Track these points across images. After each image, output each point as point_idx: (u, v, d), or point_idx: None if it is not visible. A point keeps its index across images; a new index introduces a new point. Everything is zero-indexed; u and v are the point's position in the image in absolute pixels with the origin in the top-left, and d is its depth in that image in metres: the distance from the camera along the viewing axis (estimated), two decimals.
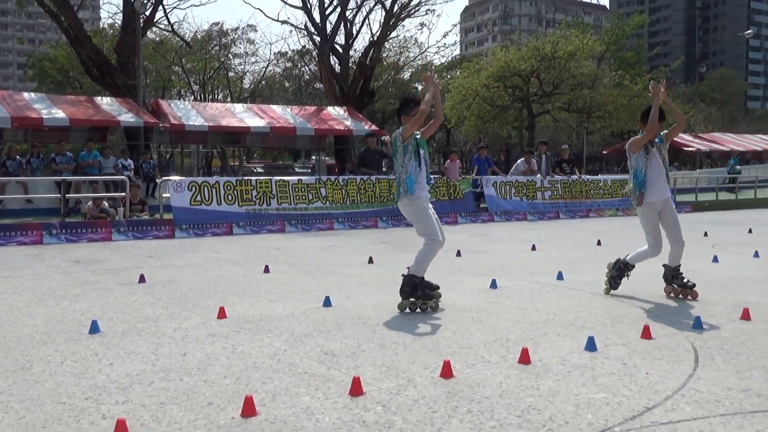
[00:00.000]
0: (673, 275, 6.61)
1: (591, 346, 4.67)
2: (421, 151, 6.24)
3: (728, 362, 4.40)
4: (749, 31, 74.67)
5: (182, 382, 4.01)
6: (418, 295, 6.01)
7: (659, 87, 6.45)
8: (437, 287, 6.18)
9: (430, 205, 6.32)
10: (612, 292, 6.72)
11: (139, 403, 3.65)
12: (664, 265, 6.70)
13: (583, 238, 12.40)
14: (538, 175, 18.14)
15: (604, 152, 53.75)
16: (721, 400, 3.68)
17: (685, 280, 6.55)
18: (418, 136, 6.25)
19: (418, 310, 5.98)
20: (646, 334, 5.02)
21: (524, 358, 4.38)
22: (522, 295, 6.72)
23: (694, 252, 9.88)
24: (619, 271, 6.70)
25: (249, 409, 3.46)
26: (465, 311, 6.00)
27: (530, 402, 3.66)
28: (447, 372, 4.10)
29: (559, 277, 7.71)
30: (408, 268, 6.15)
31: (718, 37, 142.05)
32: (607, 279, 6.75)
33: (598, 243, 11.30)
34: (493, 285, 7.19)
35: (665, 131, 6.65)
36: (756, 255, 9.60)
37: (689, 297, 6.49)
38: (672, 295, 6.63)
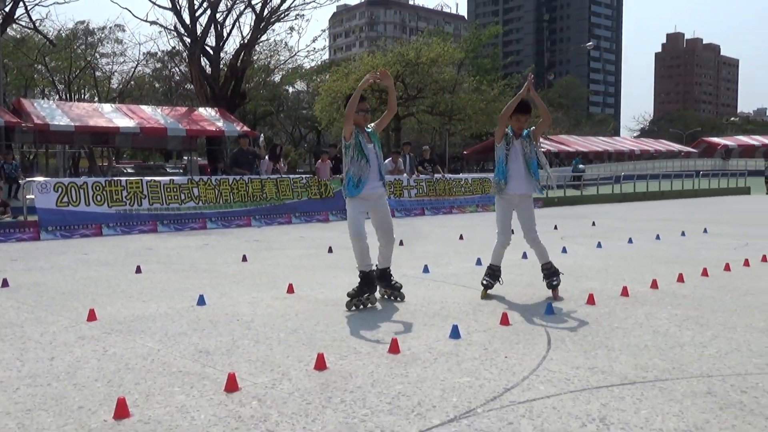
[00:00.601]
0: (543, 275, 6.37)
1: (455, 333, 4.80)
2: (369, 146, 5.98)
3: (576, 343, 4.65)
4: (590, 42, 79.48)
5: (50, 387, 3.77)
6: (364, 290, 5.96)
7: (531, 78, 6.33)
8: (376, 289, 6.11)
9: (385, 201, 6.20)
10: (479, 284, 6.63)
11: (3, 411, 3.40)
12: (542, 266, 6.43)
13: (446, 233, 12.74)
14: (404, 174, 18.48)
15: (465, 152, 55.56)
16: (571, 378, 3.89)
17: (548, 280, 6.30)
18: (368, 130, 6.06)
19: (361, 306, 5.89)
20: (505, 320, 5.21)
21: (394, 348, 4.44)
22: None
23: (545, 244, 10.39)
24: (491, 276, 6.38)
25: (122, 411, 3.31)
26: (337, 305, 6.00)
27: (400, 389, 3.72)
28: (321, 364, 4.09)
29: (425, 270, 7.87)
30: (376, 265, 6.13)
31: (563, 47, 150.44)
32: (483, 285, 6.39)
33: (461, 237, 11.65)
34: None
35: (532, 127, 6.47)
36: (599, 246, 10.21)
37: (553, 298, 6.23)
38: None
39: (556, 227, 13.49)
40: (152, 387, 3.77)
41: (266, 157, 17.52)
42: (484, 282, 6.42)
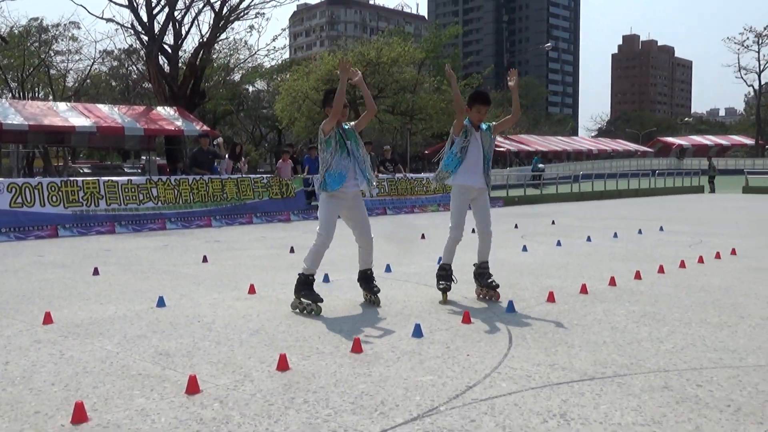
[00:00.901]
0: (479, 273, 6.28)
1: (417, 332, 4.82)
2: (348, 143, 5.77)
3: (537, 341, 4.70)
4: (549, 44, 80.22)
5: (5, 393, 3.68)
6: (303, 294, 5.69)
7: (450, 71, 6.36)
8: (320, 298, 5.67)
9: (362, 200, 6.01)
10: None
11: None
12: (474, 264, 6.37)
13: (408, 233, 12.77)
14: None
15: (426, 152, 55.73)
16: (532, 375, 3.93)
17: (490, 281, 6.20)
18: (346, 127, 5.87)
19: (305, 311, 5.65)
20: (466, 319, 5.25)
21: (356, 348, 4.44)
22: (353, 288, 6.77)
23: (506, 242, 10.51)
24: (445, 278, 6.17)
25: (80, 416, 3.24)
26: None
27: (363, 388, 3.72)
28: (283, 365, 4.06)
29: (387, 269, 7.89)
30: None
31: (522, 48, 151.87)
32: (441, 289, 6.18)
33: (422, 237, 11.69)
34: (326, 279, 7.23)
35: (493, 122, 6.37)
36: (558, 244, 10.35)
37: (492, 298, 6.17)
38: (481, 296, 6.29)
39: (516, 226, 13.63)
40: (111, 390, 3.70)
41: (226, 157, 17.36)
42: (441, 286, 6.16)
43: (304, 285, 5.70)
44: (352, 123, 6.03)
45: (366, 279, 6.06)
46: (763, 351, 4.39)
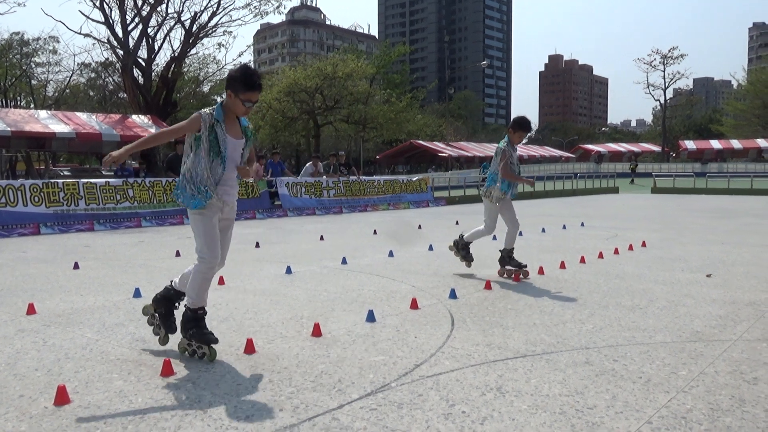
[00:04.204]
0: (509, 256, 6.79)
1: (371, 317, 4.82)
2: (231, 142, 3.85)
3: (476, 323, 4.75)
4: (484, 62, 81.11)
5: None
6: (190, 333, 3.89)
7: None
8: (214, 339, 3.87)
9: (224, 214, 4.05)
10: (394, 271, 6.82)
11: None
12: (500, 251, 6.94)
13: (362, 229, 12.75)
14: (324, 177, 18.41)
15: (378, 157, 55.83)
16: (472, 354, 3.97)
17: (519, 261, 6.76)
18: (245, 124, 4.01)
19: (196, 355, 3.91)
20: (414, 305, 5.27)
21: (316, 332, 4.42)
22: (313, 278, 6.77)
23: (448, 236, 10.57)
24: (464, 249, 7.14)
25: (62, 398, 3.15)
26: (264, 294, 5.92)
27: (322, 368, 3.70)
28: (250, 348, 4.02)
29: (344, 261, 7.87)
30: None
31: (461, 65, 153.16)
32: (462, 258, 7.15)
33: (374, 232, 11.69)
34: (288, 271, 7.17)
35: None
36: (494, 238, 10.46)
37: (522, 277, 6.62)
38: (505, 276, 6.74)
39: (457, 222, 13.73)
40: (91, 374, 3.61)
41: None
42: (462, 254, 7.15)
43: (192, 322, 3.92)
44: (250, 125, 4.09)
45: (187, 320, 3.96)
46: (669, 329, 4.52)
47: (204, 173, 3.81)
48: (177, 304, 4.15)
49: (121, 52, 28.14)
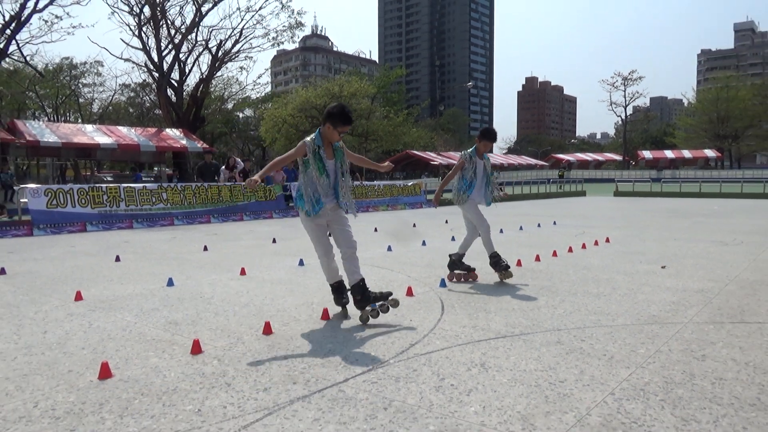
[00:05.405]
0: (459, 261, 5.97)
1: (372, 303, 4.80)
2: (329, 162, 4.27)
3: (463, 308, 4.74)
4: (470, 83, 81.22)
5: (44, 356, 3.55)
6: (362, 301, 4.25)
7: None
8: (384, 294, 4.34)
9: (342, 216, 4.56)
10: (390, 264, 6.77)
11: (3, 377, 3.18)
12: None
13: (364, 227, 12.70)
14: None
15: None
16: (459, 335, 3.97)
17: (503, 264, 5.85)
18: (336, 146, 4.33)
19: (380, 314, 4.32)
20: (409, 292, 5.26)
21: (325, 316, 4.41)
22: (322, 270, 6.72)
23: (438, 234, 10.56)
24: (498, 262, 5.83)
25: (105, 373, 3.15)
26: (281, 283, 5.91)
27: (330, 347, 3.69)
28: (268, 330, 4.01)
29: None
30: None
31: (450, 86, 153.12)
32: (504, 267, 5.84)
33: (375, 230, 11.66)
34: (301, 263, 7.16)
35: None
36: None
37: (471, 280, 5.95)
38: (454, 280, 5.95)
39: (447, 221, 13.72)
40: (130, 352, 3.60)
41: (223, 167, 17.24)
42: (504, 264, 5.81)
43: (360, 291, 4.27)
44: (342, 144, 4.44)
45: (360, 292, 4.32)
46: (630, 314, 4.51)
47: (315, 187, 4.25)
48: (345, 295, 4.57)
49: (156, 75, 28.14)
